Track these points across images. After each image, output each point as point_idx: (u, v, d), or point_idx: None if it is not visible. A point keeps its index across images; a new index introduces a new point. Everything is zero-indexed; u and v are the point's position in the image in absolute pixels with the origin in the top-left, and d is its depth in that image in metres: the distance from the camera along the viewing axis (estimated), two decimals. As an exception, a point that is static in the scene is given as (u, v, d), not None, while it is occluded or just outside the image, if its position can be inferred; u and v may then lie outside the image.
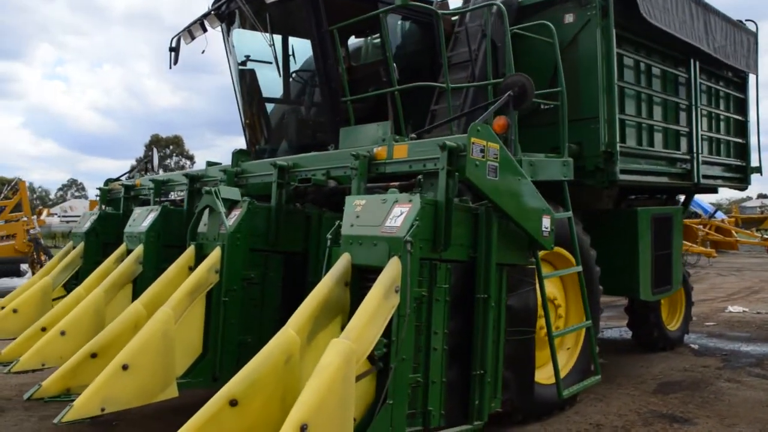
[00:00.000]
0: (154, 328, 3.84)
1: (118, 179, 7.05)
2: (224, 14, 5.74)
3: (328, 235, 3.73)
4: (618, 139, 5.83)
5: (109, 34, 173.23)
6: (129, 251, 5.34)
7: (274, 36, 5.93)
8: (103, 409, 3.60)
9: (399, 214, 3.32)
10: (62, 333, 4.64)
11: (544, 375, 5.43)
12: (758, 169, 8.66)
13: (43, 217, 17.04)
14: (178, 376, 4.04)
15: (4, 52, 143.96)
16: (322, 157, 4.49)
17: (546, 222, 4.03)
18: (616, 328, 9.54)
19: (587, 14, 5.79)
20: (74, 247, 6.21)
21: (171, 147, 67.73)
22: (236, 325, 4.28)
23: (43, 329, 4.93)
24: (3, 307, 5.72)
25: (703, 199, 31.85)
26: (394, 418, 3.15)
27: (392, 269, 3.17)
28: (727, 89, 8.31)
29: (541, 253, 5.24)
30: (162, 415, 4.94)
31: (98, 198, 7.02)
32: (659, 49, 6.82)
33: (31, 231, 14.04)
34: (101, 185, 7.08)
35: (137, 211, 5.59)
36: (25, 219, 14.59)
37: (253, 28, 5.71)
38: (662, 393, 6.09)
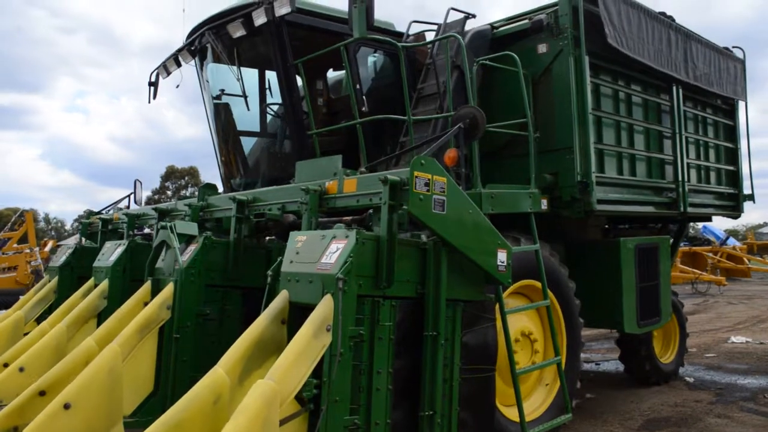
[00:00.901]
0: (99, 366, 3.77)
1: (99, 212, 7.08)
2: (196, 49, 5.80)
3: (269, 272, 3.66)
4: (594, 169, 5.74)
5: (127, 66, 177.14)
6: (96, 286, 5.31)
7: (250, 69, 5.98)
8: (42, 450, 3.52)
9: (335, 250, 3.26)
10: (21, 369, 4.59)
11: (515, 412, 5.28)
12: (751, 197, 8.50)
13: (47, 248, 17.22)
14: (126, 415, 3.96)
15: (24, 85, 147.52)
16: (278, 192, 4.46)
17: (502, 256, 3.93)
18: (613, 360, 9.31)
19: (559, 44, 5.76)
20: (50, 281, 6.21)
21: (186, 178, 68.47)
22: (189, 362, 4.20)
23: (6, 365, 4.88)
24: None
25: (717, 226, 31.46)
26: None
27: (324, 307, 3.09)
28: (715, 116, 8.20)
29: (513, 287, 5.19)
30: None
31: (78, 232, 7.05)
32: (639, 78, 6.75)
33: (33, 263, 14.16)
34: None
35: (107, 245, 5.59)
36: (28, 251, 14.73)
37: (227, 62, 5.76)
38: (647, 430, 5.90)
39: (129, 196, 7.16)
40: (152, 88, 6.42)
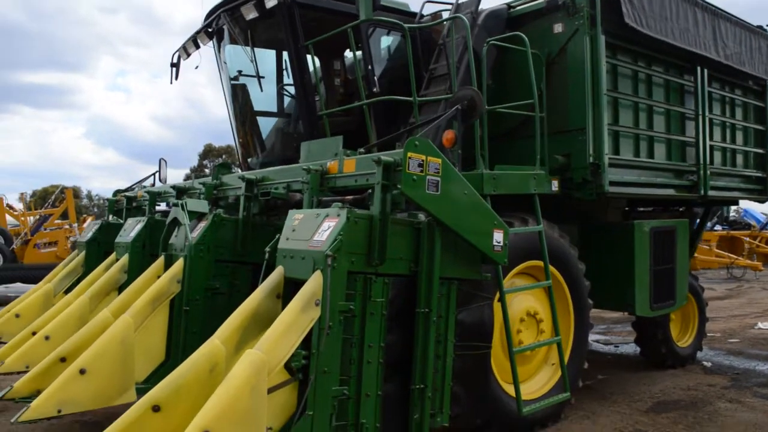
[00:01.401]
0: (112, 335, 4.01)
1: (126, 190, 7.35)
2: (213, 31, 5.94)
3: (267, 248, 3.81)
4: (606, 151, 5.70)
5: (168, 45, 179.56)
6: (117, 260, 5.57)
7: (266, 50, 6.09)
8: (59, 411, 3.78)
9: (327, 228, 3.38)
10: (47, 338, 4.88)
11: (525, 390, 5.37)
12: (779, 181, 8.28)
13: (86, 225, 17.78)
14: (138, 381, 4.19)
15: (67, 65, 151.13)
16: (284, 172, 4.59)
17: (498, 236, 3.99)
18: (632, 343, 9.26)
19: (575, 24, 5.71)
20: (78, 255, 6.51)
21: (224, 156, 69.57)
22: (198, 334, 4.39)
23: (33, 333, 5.19)
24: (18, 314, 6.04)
25: (758, 210, 30.53)
26: (315, 428, 3.20)
27: (313, 283, 3.23)
28: (745, 98, 8.00)
29: (520, 267, 5.24)
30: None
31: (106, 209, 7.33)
32: (662, 58, 6.63)
33: (71, 238, 14.70)
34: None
35: (129, 221, 5.83)
36: (68, 227, 15.28)
37: (242, 43, 5.89)
38: (655, 412, 5.91)
39: (154, 174, 7.39)
40: (174, 69, 6.60)
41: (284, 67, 6.26)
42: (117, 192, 7.35)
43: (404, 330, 3.75)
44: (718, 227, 24.17)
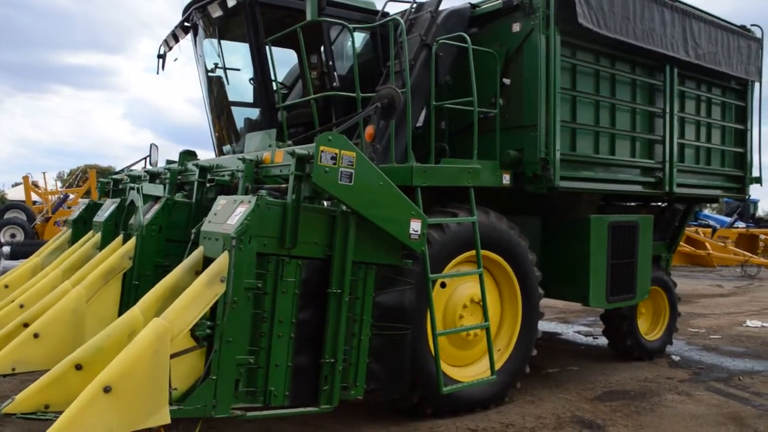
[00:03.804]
0: (66, 304, 4.45)
1: (118, 173, 7.81)
2: (190, 27, 6.32)
3: (193, 230, 4.20)
4: (558, 147, 5.90)
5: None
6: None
7: (240, 44, 6.44)
8: (13, 369, 4.24)
9: (239, 213, 3.74)
10: (21, 306, 5.30)
11: (468, 373, 5.66)
12: (758, 180, 8.32)
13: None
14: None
15: (107, 47, 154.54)
16: (231, 160, 4.95)
17: (415, 225, 4.28)
18: (611, 335, 9.42)
19: (531, 23, 5.91)
20: (66, 233, 7.00)
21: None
22: (147, 306, 4.81)
23: (21, 306, 5.65)
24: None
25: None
26: (218, 392, 3.58)
27: (220, 261, 3.61)
28: (724, 97, 8.04)
29: (464, 255, 5.49)
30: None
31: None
32: (627, 57, 6.77)
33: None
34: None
35: (107, 202, 6.28)
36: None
37: (215, 37, 6.26)
38: (600, 400, 6.13)
39: (145, 158, 7.83)
40: (161, 60, 7.01)
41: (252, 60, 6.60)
42: (110, 174, 7.82)
43: (316, 308, 4.08)
44: (741, 224, 23.77)
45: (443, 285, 5.44)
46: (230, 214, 3.80)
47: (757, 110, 8.28)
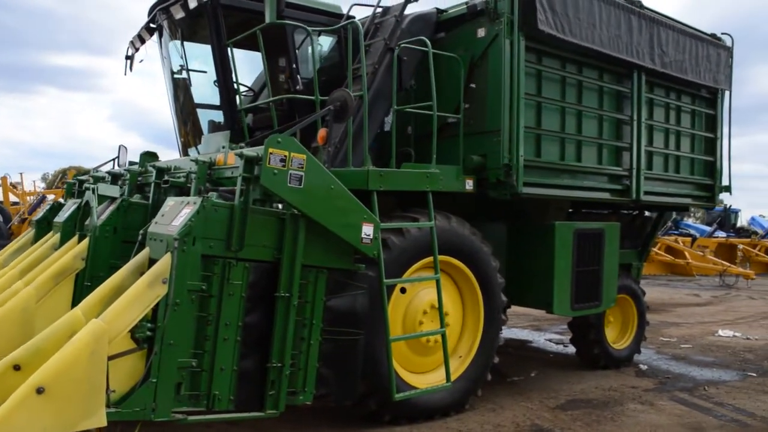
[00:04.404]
0: (15, 303, 4.36)
1: (85, 174, 7.73)
2: (154, 28, 6.28)
3: (141, 231, 4.14)
4: (522, 153, 5.89)
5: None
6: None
7: (205, 46, 6.39)
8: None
9: (183, 215, 3.69)
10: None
11: (429, 380, 5.61)
12: (728, 188, 8.35)
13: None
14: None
15: (94, 48, 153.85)
16: (188, 162, 4.90)
17: (367, 229, 4.25)
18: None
19: (495, 29, 5.91)
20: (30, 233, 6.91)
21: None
22: (98, 308, 4.74)
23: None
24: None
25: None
26: (158, 394, 3.51)
27: (163, 263, 3.55)
28: (693, 105, 8.08)
29: (424, 261, 5.45)
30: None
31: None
32: (594, 64, 6.78)
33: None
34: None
35: (68, 203, 6.20)
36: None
37: (179, 39, 6.22)
38: (562, 409, 6.09)
39: (114, 159, 7.76)
40: (128, 61, 6.96)
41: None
42: (76, 175, 7.74)
43: (264, 312, 4.03)
44: (721, 234, 23.94)
45: (403, 290, 5.41)
46: (176, 215, 3.75)
47: (727, 119, 8.31)
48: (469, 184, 5.90)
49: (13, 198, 18.68)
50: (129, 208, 4.94)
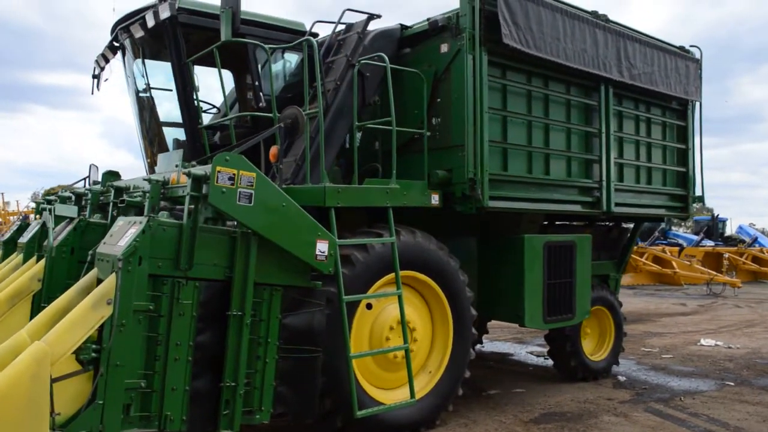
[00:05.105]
0: (-32, 326, 4.34)
1: (53, 193, 7.70)
2: (118, 46, 6.28)
3: (90, 252, 4.11)
4: (486, 167, 5.88)
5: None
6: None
7: (167, 64, 6.39)
8: None
9: (129, 234, 3.66)
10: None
11: (397, 396, 5.54)
12: (701, 198, 8.38)
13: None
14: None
15: (83, 66, 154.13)
16: (144, 181, 4.88)
17: (322, 246, 4.22)
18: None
19: (458, 44, 5.93)
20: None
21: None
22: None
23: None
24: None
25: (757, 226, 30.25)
26: (105, 417, 3.46)
27: (107, 283, 3.52)
28: (663, 117, 8.12)
29: (388, 277, 5.42)
30: None
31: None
32: (561, 77, 6.80)
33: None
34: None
35: (33, 223, 6.17)
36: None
37: (141, 57, 6.23)
38: (535, 423, 6.05)
39: (84, 179, 7.72)
40: (95, 80, 6.96)
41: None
42: (45, 195, 7.70)
43: (217, 331, 3.99)
44: (708, 243, 24.01)
45: (369, 306, 5.38)
46: (122, 235, 3.72)
47: (698, 130, 8.35)
48: (435, 199, 5.89)
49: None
50: (87, 228, 4.92)
